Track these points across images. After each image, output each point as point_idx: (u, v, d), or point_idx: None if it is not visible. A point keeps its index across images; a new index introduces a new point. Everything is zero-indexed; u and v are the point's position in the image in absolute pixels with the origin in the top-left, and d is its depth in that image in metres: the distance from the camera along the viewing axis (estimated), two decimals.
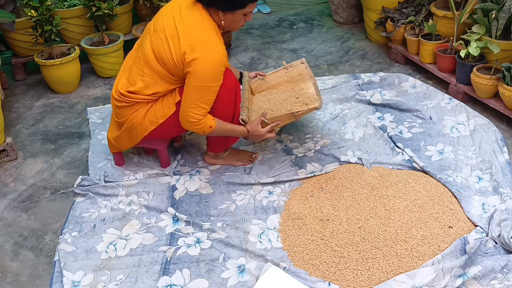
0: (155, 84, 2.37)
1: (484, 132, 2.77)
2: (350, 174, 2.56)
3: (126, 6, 3.85)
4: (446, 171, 2.55)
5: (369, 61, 3.73)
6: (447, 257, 2.05)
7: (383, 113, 3.07)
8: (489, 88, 2.88)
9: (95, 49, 3.58)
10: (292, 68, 2.89)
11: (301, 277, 2.04)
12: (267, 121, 2.47)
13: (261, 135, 2.49)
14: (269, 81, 2.88)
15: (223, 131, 2.44)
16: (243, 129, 2.48)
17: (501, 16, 2.87)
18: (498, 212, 2.22)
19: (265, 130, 2.48)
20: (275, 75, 2.90)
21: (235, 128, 2.48)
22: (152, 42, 2.33)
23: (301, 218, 2.33)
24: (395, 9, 3.67)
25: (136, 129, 2.46)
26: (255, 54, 3.98)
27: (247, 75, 2.85)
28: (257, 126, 2.46)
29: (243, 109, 2.53)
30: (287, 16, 4.66)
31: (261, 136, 2.49)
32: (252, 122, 2.48)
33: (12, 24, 3.13)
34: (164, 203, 2.49)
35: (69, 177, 2.74)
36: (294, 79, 2.86)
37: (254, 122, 2.47)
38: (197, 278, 2.09)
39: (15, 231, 2.42)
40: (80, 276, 2.13)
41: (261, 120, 2.46)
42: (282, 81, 2.87)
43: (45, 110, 3.39)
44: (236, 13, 2.25)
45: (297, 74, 2.86)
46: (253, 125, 2.47)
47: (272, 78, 2.89)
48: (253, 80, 2.87)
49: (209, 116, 2.35)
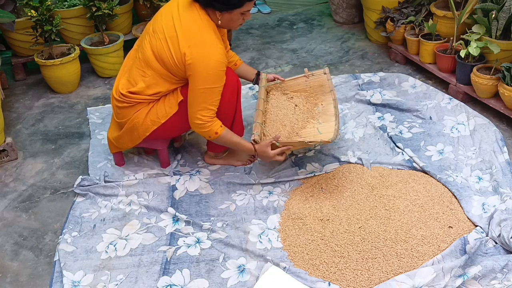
0: (156, 84, 2.37)
1: (484, 132, 2.77)
2: (350, 174, 2.56)
3: (126, 6, 3.85)
4: (446, 171, 2.55)
5: (369, 61, 3.73)
6: (447, 257, 2.05)
7: (383, 113, 3.07)
8: (489, 88, 2.88)
9: (95, 49, 3.58)
10: (313, 78, 2.77)
11: (301, 277, 2.04)
12: (278, 144, 2.39)
13: (269, 157, 2.41)
14: (288, 88, 2.77)
15: (229, 142, 2.40)
16: (250, 147, 2.42)
17: (501, 16, 2.87)
18: (498, 212, 2.22)
19: (274, 152, 2.40)
20: (295, 82, 2.78)
21: (242, 143, 2.43)
22: (152, 42, 2.32)
23: (301, 218, 2.33)
24: (395, 9, 3.67)
25: (137, 129, 2.46)
26: (255, 54, 3.98)
27: (265, 78, 2.73)
28: (266, 147, 2.39)
29: (255, 127, 2.45)
30: (287, 16, 4.66)
31: (269, 158, 2.42)
32: (262, 142, 2.40)
33: (12, 24, 3.13)
34: (164, 203, 2.49)
35: (69, 177, 2.74)
36: (313, 89, 2.75)
37: (264, 143, 2.39)
38: (197, 278, 2.09)
39: (15, 231, 2.42)
40: (80, 276, 2.13)
41: (272, 142, 2.39)
42: (301, 89, 2.77)
43: (45, 110, 3.39)
44: (233, 12, 2.24)
45: (318, 85, 2.74)
46: (262, 145, 2.40)
47: (291, 85, 2.78)
48: (271, 83, 2.76)
49: (218, 121, 2.33)
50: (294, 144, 2.44)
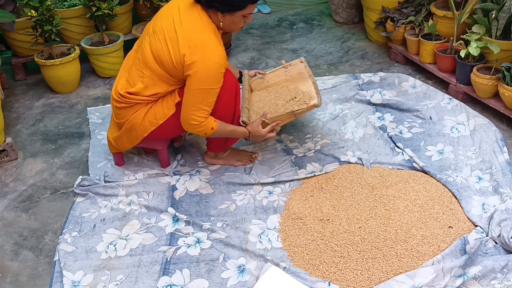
0: (154, 85, 2.37)
1: (484, 132, 2.77)
2: (350, 174, 2.56)
3: (126, 6, 3.85)
4: (446, 171, 2.55)
5: (369, 61, 3.73)
6: (447, 257, 2.05)
7: (383, 113, 3.07)
8: (489, 88, 2.88)
9: (95, 49, 3.58)
10: (292, 67, 2.89)
11: (301, 277, 2.04)
12: (267, 121, 2.47)
13: (262, 136, 2.49)
14: (269, 80, 2.88)
15: (224, 132, 2.44)
16: (244, 130, 2.48)
17: (501, 16, 2.87)
18: (498, 212, 2.22)
19: (266, 130, 2.48)
20: (275, 74, 2.90)
21: (236, 129, 2.48)
22: (151, 43, 2.32)
23: (301, 218, 2.33)
24: (395, 9, 3.67)
25: (136, 130, 2.46)
26: (255, 54, 3.98)
27: (247, 74, 2.86)
28: (258, 126, 2.47)
29: (243, 110, 2.54)
30: (287, 16, 4.66)
31: (262, 136, 2.49)
32: (252, 123, 2.48)
33: (12, 24, 3.13)
34: (164, 203, 2.49)
35: (69, 177, 2.74)
36: (293, 77, 2.85)
37: (255, 123, 2.48)
38: (197, 278, 2.10)
39: (15, 231, 2.42)
40: (80, 276, 2.13)
41: (261, 120, 2.47)
42: (282, 80, 2.87)
43: (45, 110, 3.39)
44: (235, 14, 2.24)
45: (297, 73, 2.86)
46: (254, 125, 2.47)
47: (272, 77, 2.90)
48: (253, 78, 2.88)
49: (211, 118, 2.35)
50: (283, 118, 2.52)
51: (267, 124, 2.48)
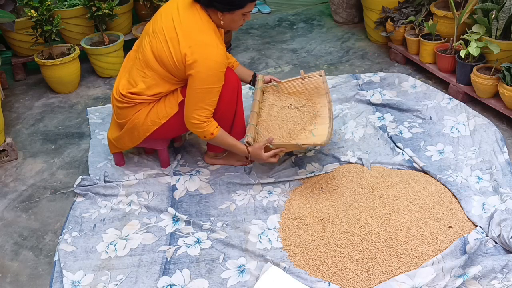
0: (156, 85, 2.37)
1: (484, 132, 2.77)
2: (350, 174, 2.56)
3: (126, 6, 3.85)
4: (446, 171, 2.55)
5: (369, 61, 3.73)
6: (447, 257, 2.05)
7: (383, 113, 3.07)
8: (489, 88, 2.88)
9: (95, 49, 3.58)
10: (309, 80, 2.77)
11: (301, 277, 2.04)
12: (271, 147, 2.41)
13: (262, 160, 2.44)
14: (283, 90, 2.78)
15: (224, 143, 2.42)
16: (244, 149, 2.44)
17: (501, 16, 2.87)
18: (498, 212, 2.22)
19: (267, 155, 2.42)
20: (291, 84, 2.79)
21: (237, 145, 2.44)
22: (152, 43, 2.32)
23: (301, 218, 2.33)
24: (395, 9, 3.67)
25: (138, 130, 2.46)
26: (255, 54, 3.98)
27: (261, 80, 2.75)
28: (260, 150, 2.41)
29: (249, 128, 2.48)
30: (287, 16, 4.66)
31: (263, 160, 2.45)
32: (255, 145, 2.43)
33: (12, 24, 3.13)
34: (164, 203, 2.49)
35: (69, 177, 2.74)
36: (309, 91, 2.75)
37: (258, 146, 2.42)
38: (197, 278, 2.10)
39: (15, 231, 2.42)
40: (80, 276, 2.13)
41: (265, 144, 2.41)
42: (297, 91, 2.77)
43: (45, 110, 3.39)
44: (235, 13, 2.25)
45: (314, 87, 2.75)
46: (256, 148, 2.42)
47: (287, 87, 2.79)
48: (267, 85, 2.77)
49: (214, 122, 2.34)
50: (287, 147, 2.46)
51: (270, 148, 2.42)
